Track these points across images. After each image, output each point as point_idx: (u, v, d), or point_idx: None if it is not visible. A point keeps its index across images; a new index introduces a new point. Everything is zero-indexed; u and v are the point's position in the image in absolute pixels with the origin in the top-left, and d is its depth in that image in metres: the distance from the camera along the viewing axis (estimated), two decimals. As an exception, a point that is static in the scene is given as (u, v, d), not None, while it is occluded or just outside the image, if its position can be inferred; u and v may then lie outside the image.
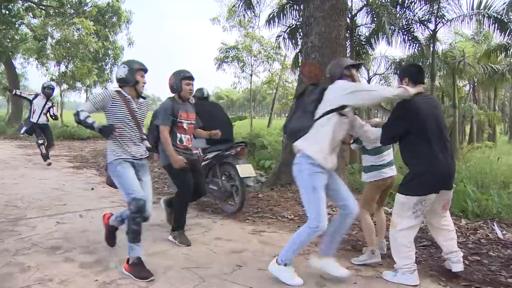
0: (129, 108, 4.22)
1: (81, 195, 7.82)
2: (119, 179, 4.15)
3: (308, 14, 8.74)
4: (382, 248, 4.77)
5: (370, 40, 19.95)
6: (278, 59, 31.11)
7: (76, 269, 4.13)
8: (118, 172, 4.16)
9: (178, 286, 3.78)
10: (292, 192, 8.03)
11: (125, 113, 4.20)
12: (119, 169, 4.15)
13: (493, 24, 18.46)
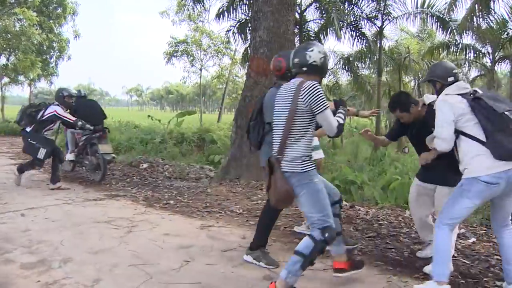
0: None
1: (22, 193, 7.53)
2: (318, 195, 3.36)
3: (257, 9, 8.75)
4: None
5: (319, 35, 20.21)
6: (228, 54, 31.05)
7: (17, 271, 3.97)
8: (317, 185, 3.37)
9: (124, 284, 3.71)
10: (241, 186, 8.06)
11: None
12: (316, 181, 3.38)
13: (436, 22, 19.11)
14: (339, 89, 27.28)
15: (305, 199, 3.32)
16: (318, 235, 3.30)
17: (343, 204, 7.12)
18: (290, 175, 3.31)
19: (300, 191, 3.31)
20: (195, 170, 10.50)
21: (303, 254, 3.29)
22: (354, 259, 3.98)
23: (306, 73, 3.41)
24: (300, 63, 3.42)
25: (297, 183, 3.30)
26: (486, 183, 3.30)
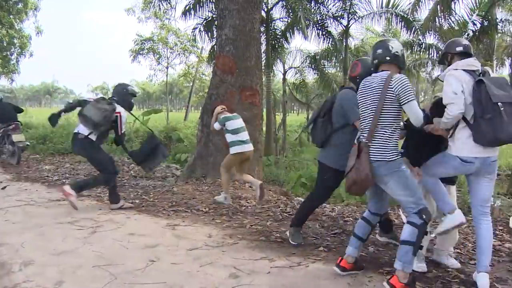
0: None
1: (-17, 194, 7.33)
2: (407, 180, 3.49)
3: (223, 7, 8.71)
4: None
5: (286, 34, 20.27)
6: (195, 52, 30.80)
7: (-25, 274, 3.86)
8: (406, 172, 3.56)
9: (88, 285, 3.64)
10: (207, 185, 8.01)
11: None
12: (404, 167, 3.56)
13: (400, 22, 19.47)
14: (305, 87, 27.44)
15: (395, 185, 3.49)
16: (417, 219, 3.42)
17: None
18: (379, 165, 3.48)
19: (389, 180, 3.49)
20: (161, 169, 10.42)
21: (411, 242, 3.41)
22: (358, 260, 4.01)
23: (388, 62, 3.63)
24: (383, 54, 3.63)
25: (386, 172, 3.48)
26: (462, 161, 3.57)
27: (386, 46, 3.65)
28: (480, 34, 17.37)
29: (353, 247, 3.91)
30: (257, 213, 6.28)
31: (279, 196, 7.59)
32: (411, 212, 3.46)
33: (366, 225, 3.97)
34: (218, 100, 8.49)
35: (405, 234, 3.45)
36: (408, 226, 3.45)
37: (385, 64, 3.62)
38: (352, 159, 3.60)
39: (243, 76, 8.58)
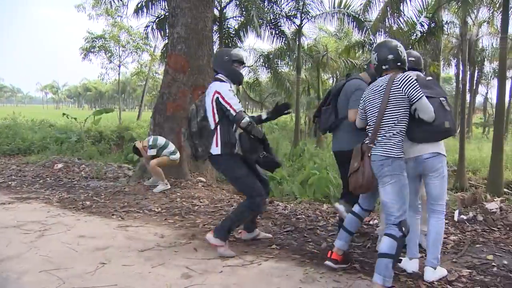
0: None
1: None
2: (405, 190, 3.49)
3: (175, 5, 8.62)
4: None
5: (239, 33, 20.30)
6: (148, 50, 30.35)
7: None
8: (405, 180, 3.51)
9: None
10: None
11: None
12: (405, 175, 3.53)
13: (352, 22, 19.87)
14: (259, 86, 27.58)
15: (392, 189, 3.44)
16: (397, 232, 3.39)
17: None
18: (384, 162, 3.45)
19: (389, 180, 3.44)
20: (113, 169, 10.23)
21: (390, 255, 3.36)
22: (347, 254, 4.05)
23: (398, 68, 3.61)
24: (394, 59, 3.59)
25: (389, 172, 3.44)
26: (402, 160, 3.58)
27: (397, 51, 3.61)
28: (427, 35, 17.94)
29: (343, 240, 3.94)
30: (210, 212, 6.27)
31: (232, 195, 7.59)
32: (390, 223, 3.43)
33: (357, 219, 4.00)
34: (170, 100, 8.42)
35: (384, 247, 3.40)
36: (387, 239, 3.41)
37: (395, 69, 3.61)
38: (356, 161, 3.63)
39: (196, 75, 8.53)
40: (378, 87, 3.58)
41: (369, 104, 3.66)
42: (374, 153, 3.50)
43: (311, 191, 8.72)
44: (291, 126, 31.71)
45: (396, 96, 3.45)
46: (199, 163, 8.48)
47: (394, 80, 3.47)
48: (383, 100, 3.48)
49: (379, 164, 3.47)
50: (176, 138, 8.36)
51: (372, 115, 3.60)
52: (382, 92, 3.51)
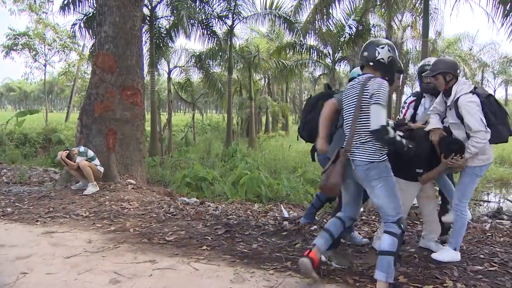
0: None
1: None
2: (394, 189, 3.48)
3: (102, 3, 8.40)
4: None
5: (170, 32, 20.10)
6: (76, 49, 29.34)
7: None
8: (393, 179, 3.51)
9: None
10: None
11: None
12: (392, 174, 3.51)
13: (283, 23, 20.13)
14: (191, 86, 27.41)
15: (382, 192, 3.42)
16: (396, 229, 3.41)
17: (194, 201, 7.20)
18: (369, 167, 3.41)
19: (377, 184, 3.42)
20: (38, 173, 9.85)
21: (392, 252, 3.38)
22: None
23: (371, 68, 3.56)
24: (367, 57, 3.56)
25: (376, 176, 3.41)
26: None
27: (374, 49, 3.56)
28: (356, 37, 18.52)
29: (323, 240, 3.74)
30: (140, 215, 6.15)
31: (162, 197, 7.50)
32: (389, 221, 3.43)
33: (341, 225, 3.84)
34: (98, 100, 8.19)
35: (385, 245, 3.40)
36: (387, 236, 3.41)
37: (369, 68, 3.58)
38: (329, 163, 3.61)
39: (124, 75, 8.36)
40: (355, 86, 3.59)
41: (345, 105, 3.67)
42: (357, 159, 3.46)
43: (243, 191, 8.76)
44: (223, 127, 31.75)
45: (367, 97, 3.44)
46: (128, 164, 8.33)
47: (368, 81, 3.46)
48: (357, 101, 3.49)
49: (365, 169, 3.43)
50: (104, 139, 8.14)
51: (348, 119, 3.61)
52: (357, 92, 3.52)
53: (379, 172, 3.41)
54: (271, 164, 15.42)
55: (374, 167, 3.41)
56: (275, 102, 34.62)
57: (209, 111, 73.40)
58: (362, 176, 3.47)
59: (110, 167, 8.09)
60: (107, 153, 8.11)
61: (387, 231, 3.44)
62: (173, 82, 28.21)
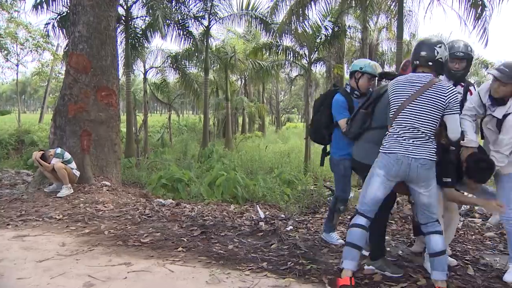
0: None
1: None
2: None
3: (76, 2, 8.28)
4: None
5: (146, 33, 19.97)
6: (49, 49, 28.85)
7: None
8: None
9: None
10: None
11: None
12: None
13: (260, 24, 20.15)
14: (167, 87, 27.27)
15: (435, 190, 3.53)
16: (440, 227, 3.52)
17: (170, 202, 7.16)
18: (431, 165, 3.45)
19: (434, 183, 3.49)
20: (10, 175, 9.66)
21: (444, 250, 3.45)
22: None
23: (430, 68, 3.51)
24: (426, 57, 3.50)
25: (433, 174, 3.48)
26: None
27: (432, 49, 3.50)
28: (331, 39, 18.63)
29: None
30: (115, 217, 6.08)
31: (138, 199, 7.44)
32: (434, 220, 3.50)
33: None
34: (72, 101, 8.07)
35: (438, 245, 3.43)
36: (439, 237, 3.46)
37: (425, 68, 3.53)
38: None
39: (99, 75, 8.25)
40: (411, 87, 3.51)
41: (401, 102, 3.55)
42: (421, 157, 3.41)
43: (219, 192, 8.74)
44: (199, 127, 31.64)
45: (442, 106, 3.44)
46: (103, 165, 8.25)
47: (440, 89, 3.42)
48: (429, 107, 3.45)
49: (427, 167, 3.43)
50: (78, 141, 8.04)
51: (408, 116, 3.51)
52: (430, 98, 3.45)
53: (434, 171, 3.47)
54: (247, 164, 15.43)
55: (433, 165, 3.44)
56: (252, 103, 34.62)
57: (186, 112, 73.10)
58: (423, 175, 3.41)
59: (85, 168, 7.98)
60: (81, 154, 8.00)
61: (436, 231, 3.48)
62: (149, 83, 28.02)
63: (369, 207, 3.55)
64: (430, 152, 3.40)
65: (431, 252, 3.45)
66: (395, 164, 3.41)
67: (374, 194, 3.51)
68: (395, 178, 3.48)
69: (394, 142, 3.47)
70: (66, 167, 7.46)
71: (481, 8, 11.96)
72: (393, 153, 3.44)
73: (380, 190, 3.50)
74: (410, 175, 3.41)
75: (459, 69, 4.13)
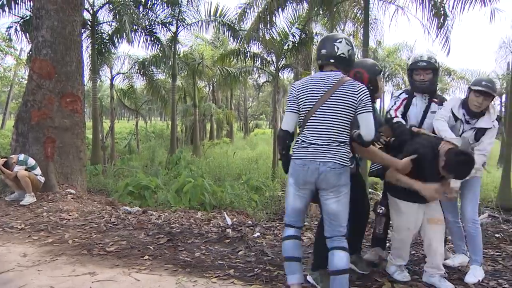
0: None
1: None
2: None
3: (39, 6, 8.14)
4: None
5: (113, 38, 19.74)
6: (12, 54, 28.20)
7: None
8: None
9: None
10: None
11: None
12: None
13: (228, 31, 20.18)
14: (134, 93, 27.01)
15: (346, 199, 3.27)
16: (346, 244, 3.25)
17: (136, 210, 7.07)
18: (342, 171, 3.20)
19: (345, 190, 3.25)
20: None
21: (347, 270, 3.18)
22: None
23: (333, 65, 3.34)
24: (327, 55, 3.35)
25: (345, 182, 3.23)
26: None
27: (332, 45, 3.35)
28: (299, 45, 18.79)
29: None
30: (80, 225, 5.96)
31: (104, 207, 7.31)
32: (341, 234, 3.24)
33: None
34: (35, 108, 7.91)
35: (343, 262, 3.16)
36: (344, 253, 3.19)
37: (330, 66, 3.37)
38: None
39: (63, 81, 8.12)
40: (321, 86, 3.30)
41: (313, 102, 3.37)
42: (331, 161, 3.20)
43: (186, 199, 8.68)
44: (167, 134, 31.42)
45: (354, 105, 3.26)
46: (68, 173, 8.10)
47: (351, 87, 3.24)
48: (339, 106, 3.28)
49: (338, 173, 3.20)
50: (42, 148, 7.87)
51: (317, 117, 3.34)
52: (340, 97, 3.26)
53: (347, 177, 3.25)
54: (215, 171, 15.41)
55: (345, 171, 3.22)
56: (220, 109, 34.56)
57: (153, 118, 72.40)
58: (331, 180, 3.17)
59: (49, 176, 7.82)
60: (45, 162, 7.83)
61: (343, 247, 3.20)
62: (116, 89, 27.70)
63: (294, 218, 3.38)
64: (341, 156, 3.18)
65: (333, 270, 3.16)
66: (301, 171, 3.21)
67: (292, 204, 3.33)
68: (305, 186, 3.24)
69: (302, 148, 3.25)
70: (30, 174, 7.29)
71: (443, 18, 12.28)
72: (300, 159, 3.24)
73: (296, 200, 3.30)
74: (319, 181, 3.17)
75: (425, 79, 4.02)
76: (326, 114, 3.20)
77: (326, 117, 3.20)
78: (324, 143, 3.18)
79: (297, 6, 17.14)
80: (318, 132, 3.21)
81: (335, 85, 3.22)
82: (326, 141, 3.18)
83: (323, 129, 3.20)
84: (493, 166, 19.82)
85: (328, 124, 3.19)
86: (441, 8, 12.44)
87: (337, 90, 3.21)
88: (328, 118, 3.20)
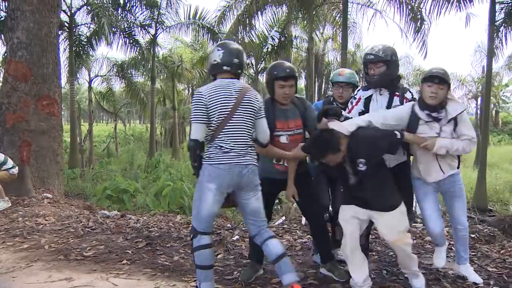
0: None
1: None
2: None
3: (14, 7, 8.01)
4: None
5: (91, 40, 19.57)
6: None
7: None
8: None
9: None
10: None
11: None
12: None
13: (207, 33, 20.19)
14: (113, 96, 26.79)
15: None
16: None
17: (115, 214, 6.99)
18: (257, 172, 3.47)
19: (260, 188, 3.51)
20: None
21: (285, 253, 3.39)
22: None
23: (230, 72, 3.45)
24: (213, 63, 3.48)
25: (258, 181, 3.49)
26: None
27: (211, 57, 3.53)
28: (278, 48, 18.89)
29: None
30: (57, 230, 5.85)
31: (81, 211, 7.21)
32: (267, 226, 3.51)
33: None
34: (10, 110, 7.78)
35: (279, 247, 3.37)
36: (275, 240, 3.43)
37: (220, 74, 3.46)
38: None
39: (39, 84, 8.00)
40: (231, 95, 3.37)
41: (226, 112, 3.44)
42: (251, 163, 3.42)
43: (165, 202, 8.63)
44: (146, 137, 31.23)
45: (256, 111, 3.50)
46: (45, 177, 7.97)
47: (254, 96, 3.46)
48: (250, 113, 3.46)
49: (255, 173, 3.46)
50: (17, 152, 7.74)
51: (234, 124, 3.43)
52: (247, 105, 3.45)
53: (258, 176, 3.49)
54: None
55: (257, 170, 3.47)
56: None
57: (132, 121, 71.97)
58: (253, 180, 3.40)
59: (24, 180, 7.68)
60: (21, 166, 7.68)
61: (271, 236, 3.43)
62: (94, 92, 27.46)
63: (209, 224, 3.42)
64: (255, 158, 3.45)
65: (274, 258, 3.33)
66: (227, 175, 3.28)
67: (209, 210, 3.34)
68: (227, 189, 3.35)
69: (223, 153, 3.31)
70: (2, 176, 7.11)
71: (420, 22, 12.49)
72: (224, 164, 3.29)
73: (215, 205, 3.35)
74: (242, 183, 3.35)
75: (375, 73, 3.81)
76: (240, 121, 3.36)
77: (241, 123, 3.37)
78: (243, 148, 3.37)
79: (277, 9, 17.28)
80: (236, 137, 3.36)
81: (241, 93, 3.39)
82: (244, 145, 3.37)
83: (239, 135, 3.37)
84: (470, 167, 20.12)
85: (242, 130, 3.38)
86: (418, 12, 12.65)
87: (244, 98, 3.39)
88: (242, 124, 3.37)
